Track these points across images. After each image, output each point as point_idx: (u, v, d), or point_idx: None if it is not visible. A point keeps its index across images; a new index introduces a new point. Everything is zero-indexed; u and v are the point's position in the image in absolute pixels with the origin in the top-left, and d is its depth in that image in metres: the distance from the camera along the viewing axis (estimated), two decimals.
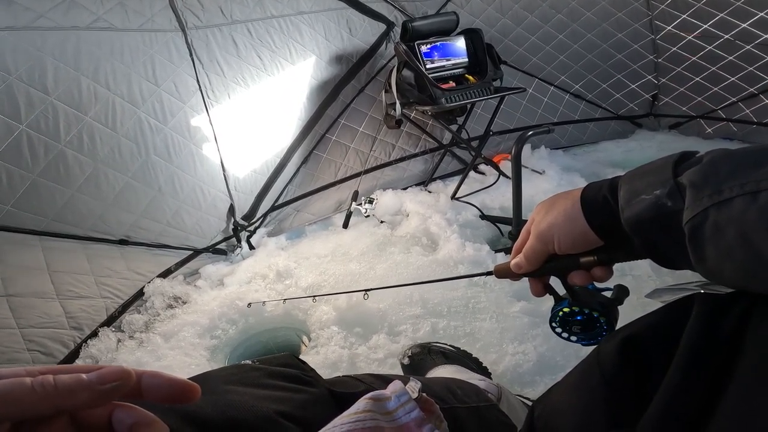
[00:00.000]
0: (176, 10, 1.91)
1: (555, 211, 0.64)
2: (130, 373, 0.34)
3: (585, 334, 0.74)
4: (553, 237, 0.65)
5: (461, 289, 1.84)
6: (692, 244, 0.49)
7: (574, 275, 0.68)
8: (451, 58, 2.45)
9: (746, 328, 0.46)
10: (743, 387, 0.43)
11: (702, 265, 0.49)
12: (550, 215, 0.65)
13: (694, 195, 0.48)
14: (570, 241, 0.63)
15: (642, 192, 0.54)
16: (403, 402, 0.58)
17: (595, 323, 0.72)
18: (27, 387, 0.31)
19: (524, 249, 0.71)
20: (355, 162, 2.65)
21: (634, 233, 0.55)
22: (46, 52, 1.62)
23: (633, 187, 0.55)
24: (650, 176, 0.54)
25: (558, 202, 0.65)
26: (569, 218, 0.62)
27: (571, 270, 0.68)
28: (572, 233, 0.62)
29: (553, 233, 0.65)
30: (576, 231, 0.62)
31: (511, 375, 1.44)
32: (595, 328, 0.73)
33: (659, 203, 0.52)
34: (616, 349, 0.55)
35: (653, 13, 2.97)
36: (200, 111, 2.03)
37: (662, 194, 0.51)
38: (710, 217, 0.46)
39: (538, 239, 0.67)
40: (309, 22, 2.30)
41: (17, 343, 1.53)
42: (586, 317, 0.72)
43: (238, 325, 1.82)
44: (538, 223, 0.67)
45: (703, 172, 0.49)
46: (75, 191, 1.73)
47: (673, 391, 0.47)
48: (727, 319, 0.47)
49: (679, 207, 0.50)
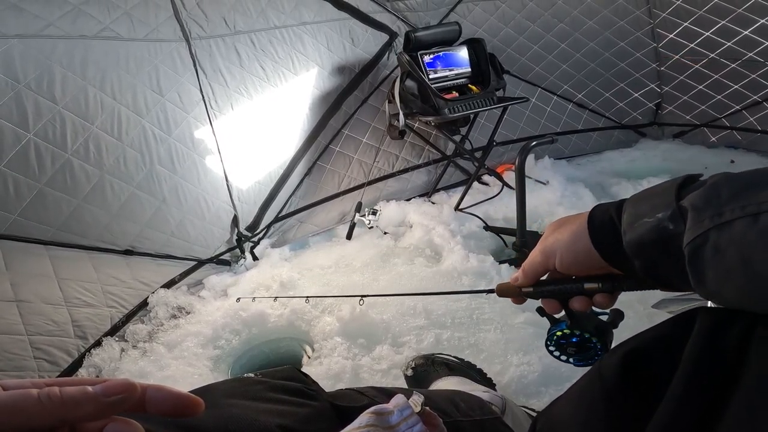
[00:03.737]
0: (181, 21, 1.92)
1: (563, 229, 0.65)
2: (135, 386, 0.34)
3: (579, 356, 0.75)
4: (556, 252, 0.65)
5: (465, 300, 1.84)
6: (692, 266, 0.49)
7: (576, 300, 0.68)
8: (453, 68, 2.46)
9: (750, 341, 0.45)
10: (747, 401, 0.43)
11: (702, 287, 0.49)
12: (558, 232, 0.65)
13: (695, 217, 0.48)
14: (572, 258, 0.63)
15: (645, 215, 0.54)
16: (406, 416, 0.58)
17: (590, 345, 0.73)
18: (33, 398, 0.31)
19: (525, 262, 0.71)
20: (359, 173, 2.66)
21: (635, 255, 0.55)
22: (55, 61, 1.64)
23: (636, 210, 0.55)
24: (654, 199, 0.54)
25: (568, 220, 0.66)
26: (574, 236, 0.62)
27: (573, 295, 0.68)
28: (575, 251, 0.62)
29: (556, 249, 0.65)
30: (579, 249, 0.62)
31: (516, 386, 1.43)
32: (589, 350, 0.73)
33: (661, 226, 0.52)
34: (618, 362, 0.55)
35: (655, 21, 2.98)
36: (203, 121, 2.04)
37: (664, 217, 0.52)
38: (710, 239, 0.47)
39: (541, 253, 0.67)
40: (312, 33, 2.31)
41: (25, 351, 1.53)
42: (581, 340, 0.73)
43: (241, 336, 1.82)
44: (545, 238, 0.68)
45: (705, 195, 0.49)
46: (81, 201, 1.74)
47: (676, 405, 0.47)
48: (731, 332, 0.47)
49: (680, 230, 0.50)
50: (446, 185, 2.94)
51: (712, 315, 0.50)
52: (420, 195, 2.88)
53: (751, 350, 0.45)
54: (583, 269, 0.64)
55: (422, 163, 2.84)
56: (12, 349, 1.51)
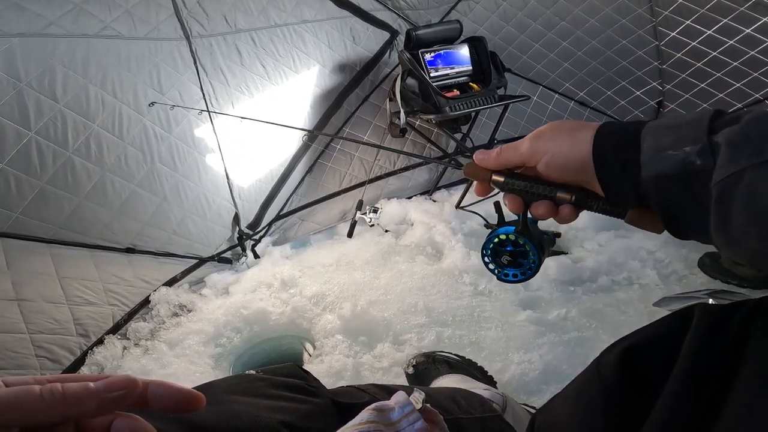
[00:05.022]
0: (181, 19, 1.92)
1: (564, 129, 0.60)
2: (137, 382, 0.35)
3: (509, 269, 0.71)
4: (547, 151, 0.59)
5: (466, 298, 1.84)
6: (718, 206, 0.46)
7: (541, 205, 0.63)
8: (455, 66, 2.46)
9: (747, 338, 0.45)
10: (745, 397, 0.43)
11: (723, 231, 0.46)
12: (555, 131, 0.60)
13: (730, 154, 0.45)
14: (561, 162, 0.58)
15: (669, 147, 0.50)
16: (407, 413, 0.58)
17: (525, 259, 0.69)
18: (36, 394, 0.32)
19: (504, 147, 0.64)
20: (360, 171, 2.66)
21: (652, 188, 0.51)
22: (56, 60, 1.64)
23: (659, 141, 0.51)
24: (680, 131, 0.50)
25: (573, 124, 0.60)
26: (575, 140, 0.57)
27: (542, 198, 0.63)
28: (568, 156, 0.57)
29: (549, 147, 0.59)
30: (574, 156, 0.57)
31: (516, 384, 1.43)
32: (522, 265, 0.70)
33: (687, 160, 0.48)
34: (616, 359, 0.55)
35: (657, 19, 2.96)
36: (204, 119, 2.04)
37: (692, 151, 0.48)
38: (745, 179, 0.43)
39: (530, 145, 0.61)
40: (313, 31, 2.31)
41: (26, 349, 1.53)
42: (519, 250, 0.69)
43: (242, 334, 1.83)
44: (539, 132, 0.61)
45: (743, 131, 0.45)
46: (82, 199, 1.74)
47: (674, 400, 0.47)
48: (729, 328, 0.47)
49: (708, 166, 0.47)
50: (447, 183, 2.94)
51: (709, 311, 0.50)
52: (421, 193, 2.88)
53: (750, 346, 0.45)
54: (565, 177, 0.60)
55: (423, 161, 2.84)
56: (14, 347, 1.51)
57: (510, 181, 0.64)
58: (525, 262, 0.69)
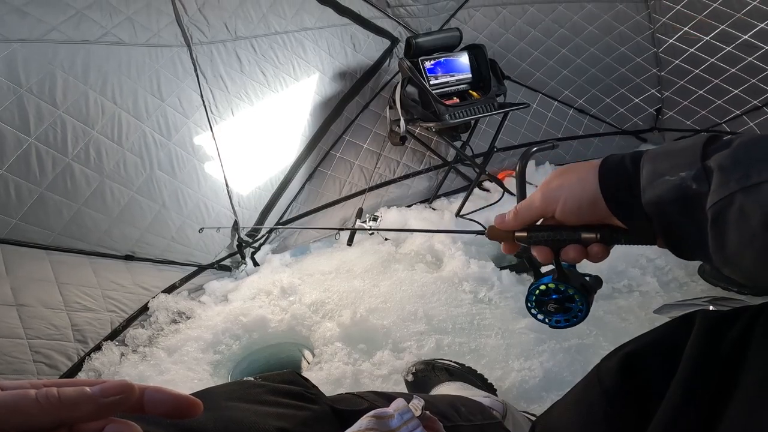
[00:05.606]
0: (182, 26, 1.93)
1: (569, 174, 0.61)
2: (133, 387, 0.34)
3: (559, 315, 0.71)
4: (559, 198, 0.61)
5: (466, 306, 1.84)
6: (714, 229, 0.47)
7: (570, 249, 0.63)
8: (454, 73, 2.46)
9: (748, 345, 0.45)
10: (746, 403, 0.42)
11: (721, 252, 0.48)
12: (563, 177, 0.62)
13: (721, 179, 0.47)
14: (575, 205, 0.60)
15: (666, 173, 0.52)
16: (406, 420, 0.58)
17: (572, 304, 0.69)
18: (31, 399, 0.31)
19: (519, 204, 0.67)
20: (360, 179, 2.65)
21: (653, 214, 0.53)
22: (57, 65, 1.64)
23: (657, 168, 0.53)
24: (676, 157, 0.52)
25: (576, 167, 0.62)
26: (582, 182, 0.59)
27: (568, 243, 0.63)
28: (581, 197, 0.59)
29: (560, 194, 0.61)
30: (585, 196, 0.59)
31: (517, 391, 1.43)
32: (570, 310, 0.70)
33: (684, 185, 0.50)
34: (617, 365, 0.55)
35: (655, 26, 2.98)
36: (204, 126, 2.04)
37: (687, 176, 0.50)
38: (736, 202, 0.45)
39: (542, 196, 0.63)
40: (313, 38, 2.31)
41: (24, 354, 1.53)
42: (564, 296, 0.69)
43: (241, 341, 1.82)
44: (548, 182, 0.63)
45: (733, 156, 0.47)
46: (81, 205, 1.74)
47: (676, 406, 0.46)
48: (729, 335, 0.47)
49: (703, 190, 0.48)
50: (447, 191, 2.94)
51: (710, 318, 0.50)
52: (421, 201, 2.87)
53: (750, 353, 0.45)
54: (583, 218, 0.61)
55: (423, 169, 2.84)
56: (11, 352, 1.51)
57: (533, 234, 0.66)
58: (573, 306, 0.69)
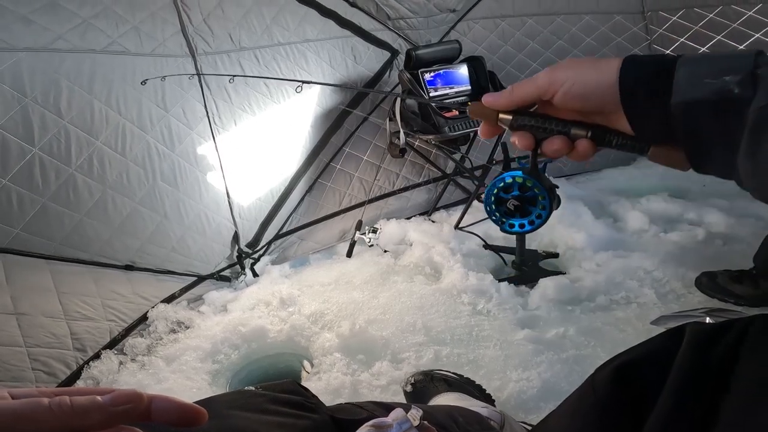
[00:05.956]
0: (187, 36, 1.95)
1: (584, 61, 0.58)
2: (142, 396, 0.35)
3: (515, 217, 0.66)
4: (567, 79, 0.57)
5: (465, 317, 1.85)
6: (753, 134, 0.46)
7: (556, 140, 0.59)
8: (454, 85, 2.48)
9: (737, 357, 0.46)
10: (733, 415, 0.43)
11: (752, 160, 0.46)
12: (576, 62, 0.58)
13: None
14: (583, 90, 0.56)
15: (707, 76, 0.50)
16: (405, 429, 0.59)
17: (533, 207, 0.65)
18: (45, 407, 0.32)
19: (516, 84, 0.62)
20: (359, 191, 2.66)
21: (679, 116, 0.51)
22: (62, 75, 1.65)
23: (697, 71, 0.51)
24: (721, 63, 0.50)
25: (592, 58, 0.58)
26: (598, 69, 0.56)
27: (554, 134, 0.59)
28: (593, 82, 0.56)
29: (569, 75, 0.57)
30: (598, 82, 0.55)
31: (515, 401, 1.43)
32: (529, 213, 0.65)
33: (725, 89, 0.48)
34: (610, 375, 0.56)
35: (652, 38, 3.01)
36: (207, 137, 2.05)
37: (732, 81, 0.48)
38: None
39: (547, 73, 0.59)
40: (315, 50, 2.33)
41: (23, 362, 1.53)
42: (528, 195, 0.65)
43: (240, 351, 1.82)
44: (557, 64, 0.59)
45: None
46: (83, 216, 1.75)
47: (666, 416, 0.47)
48: (718, 347, 0.48)
49: (746, 96, 0.47)
50: (446, 204, 2.94)
51: (700, 330, 0.51)
52: (420, 213, 2.88)
53: (738, 364, 0.46)
54: (585, 107, 0.58)
55: (422, 182, 2.85)
56: (10, 360, 1.51)
57: (519, 117, 0.61)
58: (533, 210, 0.65)
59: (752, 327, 0.47)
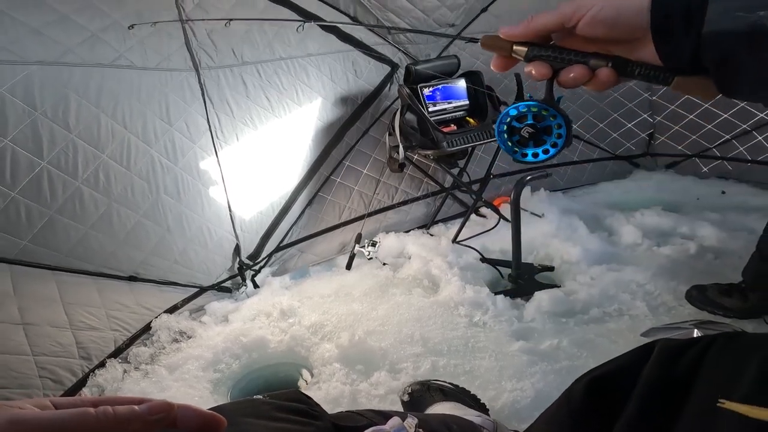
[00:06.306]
0: (191, 50, 1.98)
1: None
2: (173, 405, 0.39)
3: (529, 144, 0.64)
4: (595, 3, 0.55)
5: (461, 329, 1.88)
6: None
7: (575, 68, 0.58)
8: (452, 100, 2.52)
9: (699, 370, 0.50)
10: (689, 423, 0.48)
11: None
12: None
13: None
14: (612, 15, 0.54)
15: (741, 9, 0.50)
16: None
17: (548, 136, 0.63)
18: (92, 416, 0.35)
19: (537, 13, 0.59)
20: (359, 204, 2.69)
21: (710, 45, 0.51)
22: (71, 89, 1.68)
23: (730, 4, 0.51)
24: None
25: None
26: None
27: (575, 63, 0.57)
28: (622, 6, 0.54)
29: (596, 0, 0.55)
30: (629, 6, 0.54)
31: (509, 411, 1.47)
32: (543, 143, 0.63)
33: (759, 23, 0.49)
34: (583, 388, 0.60)
35: None
36: (209, 151, 2.09)
37: (765, 16, 0.49)
38: None
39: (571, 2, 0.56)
40: (316, 64, 2.37)
41: (30, 370, 1.56)
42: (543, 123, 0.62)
43: (241, 360, 1.86)
44: None
45: None
46: (89, 228, 1.78)
47: (631, 421, 0.51)
48: (682, 361, 0.52)
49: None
50: (444, 217, 2.97)
51: (668, 346, 0.55)
52: (419, 227, 2.90)
53: (699, 376, 0.50)
54: (613, 35, 0.56)
55: (421, 196, 2.88)
56: (18, 368, 1.55)
57: (535, 47, 0.59)
58: (548, 139, 0.62)
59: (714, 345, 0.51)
